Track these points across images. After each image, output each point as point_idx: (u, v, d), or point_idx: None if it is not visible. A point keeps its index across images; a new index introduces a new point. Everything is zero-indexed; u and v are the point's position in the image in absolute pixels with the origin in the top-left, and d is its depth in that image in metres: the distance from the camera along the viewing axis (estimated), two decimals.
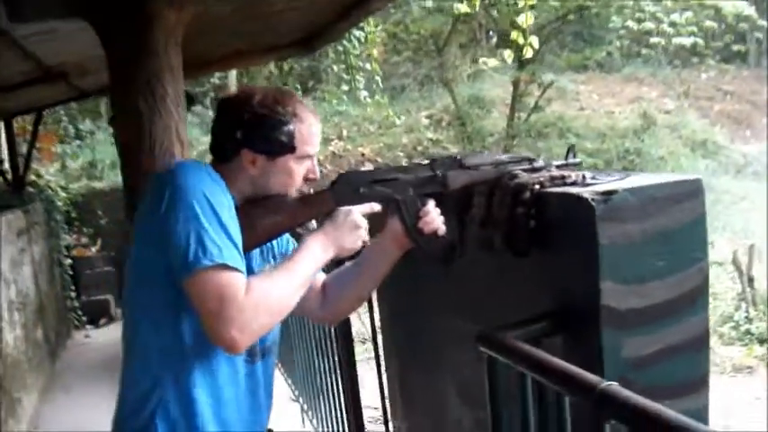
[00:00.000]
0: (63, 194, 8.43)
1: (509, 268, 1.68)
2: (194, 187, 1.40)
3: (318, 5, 4.44)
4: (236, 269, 1.38)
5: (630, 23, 12.88)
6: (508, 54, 5.44)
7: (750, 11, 11.64)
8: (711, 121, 15.51)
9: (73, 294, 7.59)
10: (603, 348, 1.36)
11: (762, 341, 7.45)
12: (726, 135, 14.68)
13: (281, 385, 4.54)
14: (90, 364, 6.14)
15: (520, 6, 4.91)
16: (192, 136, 10.31)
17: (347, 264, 1.75)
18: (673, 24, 12.28)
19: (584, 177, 1.55)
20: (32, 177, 7.42)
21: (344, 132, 13.39)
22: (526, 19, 4.61)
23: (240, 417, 1.57)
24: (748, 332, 7.70)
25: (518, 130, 12.62)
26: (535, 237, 1.54)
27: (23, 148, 7.22)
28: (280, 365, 4.44)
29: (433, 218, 1.64)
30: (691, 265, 1.45)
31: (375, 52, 8.11)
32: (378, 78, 8.30)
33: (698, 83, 16.95)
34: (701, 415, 1.46)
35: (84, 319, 7.57)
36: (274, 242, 1.70)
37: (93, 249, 8.40)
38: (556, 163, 1.74)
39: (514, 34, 4.76)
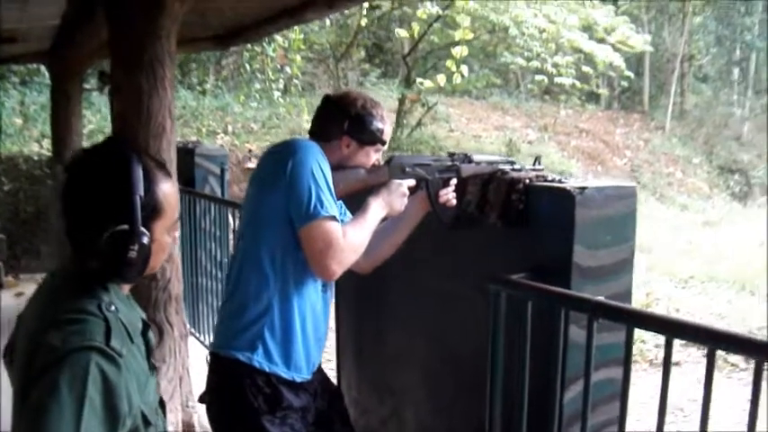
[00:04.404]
0: None
1: (492, 241, 2.34)
2: (313, 158, 1.99)
3: (256, 6, 4.76)
4: (337, 219, 1.97)
5: (520, 60, 14.14)
6: (441, 77, 6.20)
7: (620, 61, 13.15)
8: (568, 154, 16.99)
9: None
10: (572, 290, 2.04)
11: None
12: (581, 169, 16.13)
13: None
14: None
15: (457, 39, 5.65)
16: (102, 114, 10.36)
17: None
18: (555, 65, 13.66)
19: (557, 179, 2.23)
20: None
21: (230, 128, 13.76)
22: (461, 51, 5.35)
23: (318, 332, 2.18)
24: None
25: (399, 144, 13.45)
26: (522, 215, 2.21)
27: None
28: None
29: (449, 194, 2.28)
30: (625, 242, 2.16)
31: (298, 58, 8.65)
32: (297, 81, 8.85)
33: (558, 118, 18.51)
34: None
35: None
36: None
37: None
38: (528, 167, 2.41)
39: (449, 63, 5.50)
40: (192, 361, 4.02)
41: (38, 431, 1.22)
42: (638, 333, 6.50)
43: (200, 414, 3.87)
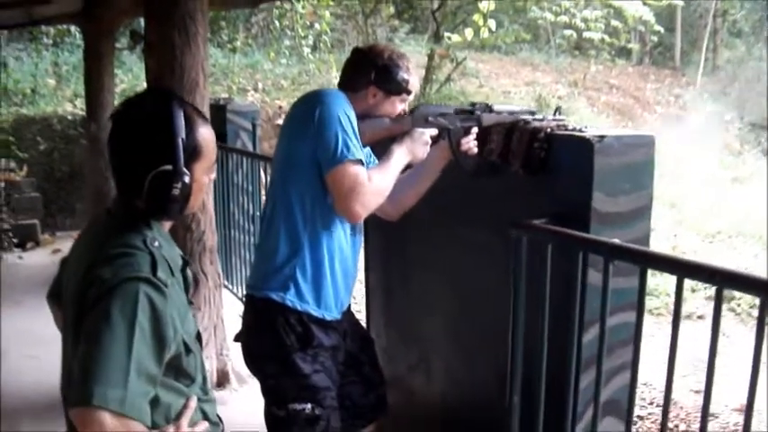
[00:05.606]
0: None
1: (514, 189, 2.42)
2: (339, 105, 2.08)
3: None
4: (363, 164, 2.07)
5: (548, 15, 14.02)
6: (469, 32, 6.26)
7: (649, 16, 12.98)
8: (598, 110, 16.84)
9: (4, 217, 7.78)
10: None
11: None
12: (611, 124, 15.99)
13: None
14: (31, 281, 6.40)
15: None
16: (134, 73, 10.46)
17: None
18: (584, 20, 13.52)
19: (578, 129, 2.30)
20: None
21: (260, 85, 13.81)
22: (488, 5, 5.41)
23: (346, 273, 2.29)
24: None
25: (428, 99, 13.44)
26: (543, 163, 2.28)
27: None
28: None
29: (470, 143, 2.36)
30: (643, 189, 2.22)
31: (327, 14, 8.70)
32: (326, 38, 8.90)
33: (588, 74, 18.31)
34: None
35: (14, 241, 7.76)
36: None
37: (22, 174, 8.50)
38: (549, 117, 2.48)
39: (476, 17, 5.56)
40: (225, 311, 4.16)
41: (93, 354, 1.35)
42: (663, 286, 6.38)
43: (234, 362, 4.02)
